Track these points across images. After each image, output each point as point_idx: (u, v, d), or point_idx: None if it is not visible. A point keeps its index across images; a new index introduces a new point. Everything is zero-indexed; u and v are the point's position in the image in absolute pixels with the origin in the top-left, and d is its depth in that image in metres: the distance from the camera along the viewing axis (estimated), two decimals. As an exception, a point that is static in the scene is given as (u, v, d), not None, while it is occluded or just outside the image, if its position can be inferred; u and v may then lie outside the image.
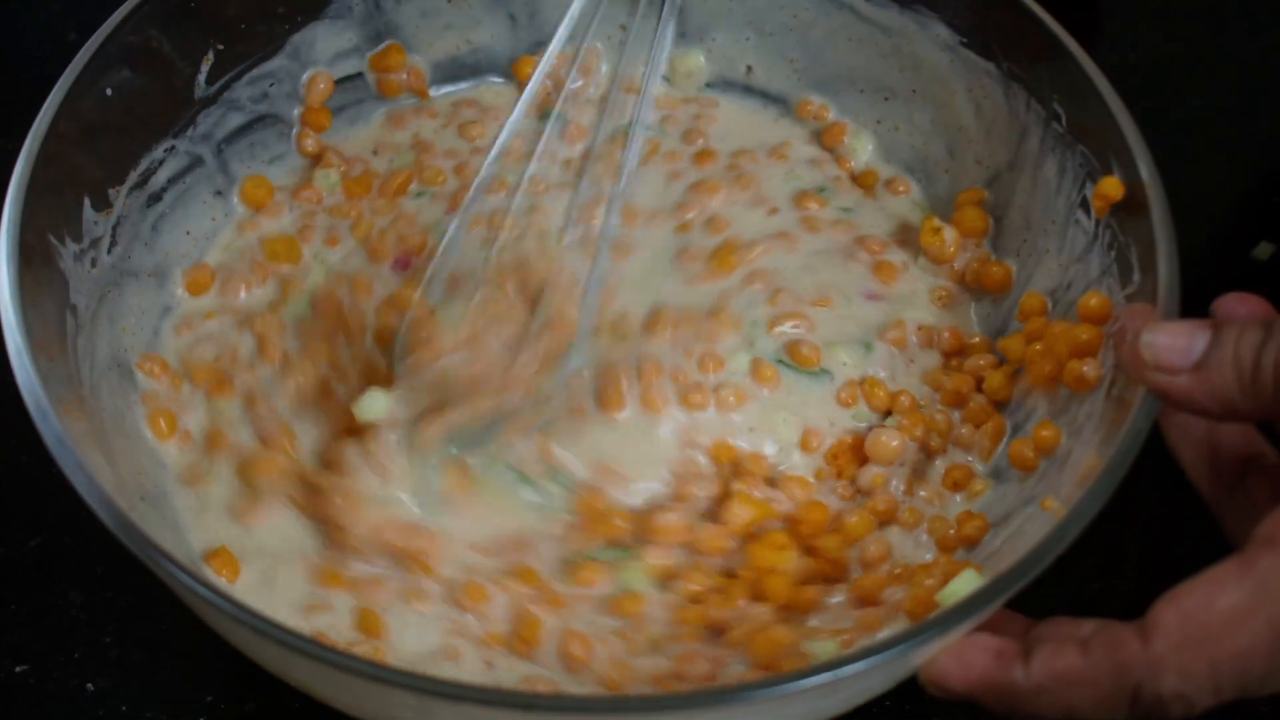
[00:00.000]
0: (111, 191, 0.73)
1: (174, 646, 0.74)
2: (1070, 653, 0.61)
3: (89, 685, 0.73)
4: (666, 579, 0.71)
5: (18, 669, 0.73)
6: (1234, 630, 0.58)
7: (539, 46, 0.87)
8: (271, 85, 0.81)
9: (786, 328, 0.77)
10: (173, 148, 0.77)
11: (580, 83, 0.87)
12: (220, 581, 0.68)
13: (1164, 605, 0.60)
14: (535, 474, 0.72)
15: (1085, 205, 0.74)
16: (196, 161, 0.79)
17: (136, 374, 0.73)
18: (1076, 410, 0.71)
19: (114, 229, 0.73)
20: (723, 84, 0.89)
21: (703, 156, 0.85)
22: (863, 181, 0.85)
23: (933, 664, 0.63)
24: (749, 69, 0.88)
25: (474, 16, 0.86)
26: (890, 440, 0.74)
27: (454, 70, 0.88)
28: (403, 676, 0.57)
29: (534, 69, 0.86)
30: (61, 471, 0.60)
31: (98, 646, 0.74)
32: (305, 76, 0.83)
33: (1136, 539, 0.75)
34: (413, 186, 0.83)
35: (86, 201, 0.72)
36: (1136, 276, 0.69)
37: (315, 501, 0.70)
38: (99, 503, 0.59)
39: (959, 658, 0.62)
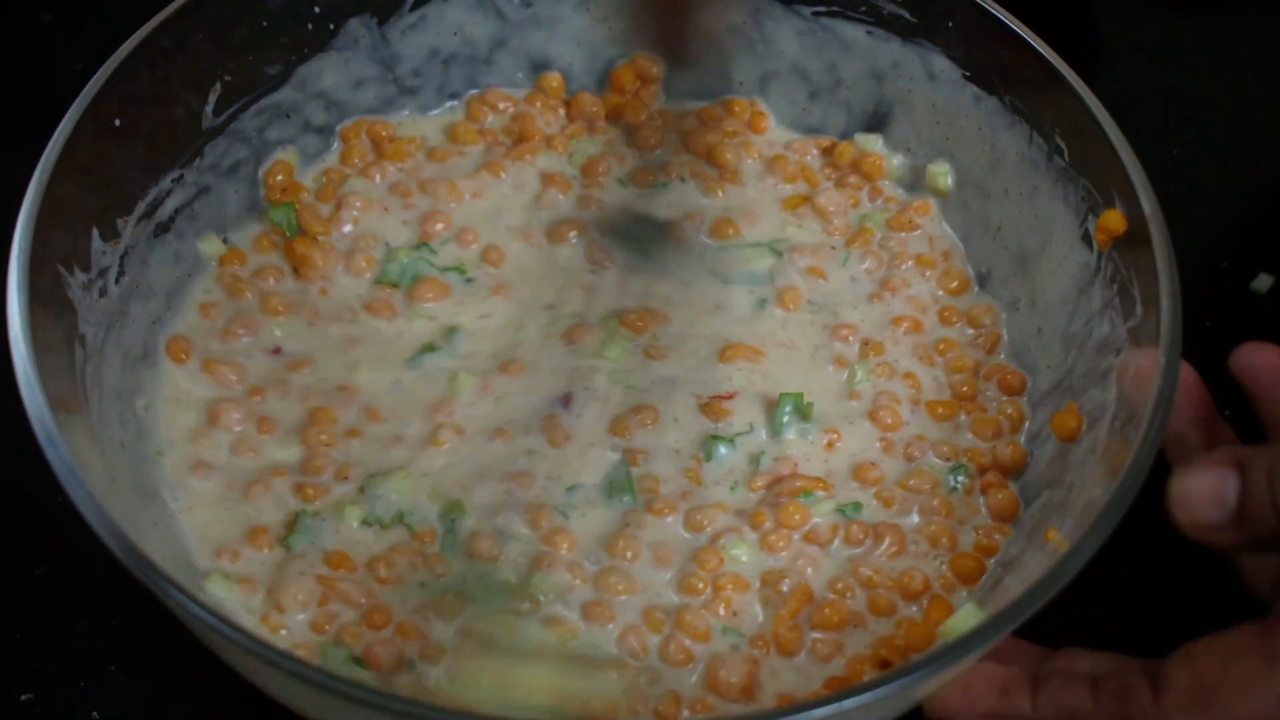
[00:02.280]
0: (120, 222, 0.74)
1: (179, 675, 0.74)
2: (1080, 692, 0.61)
3: (94, 714, 0.72)
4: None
5: (23, 697, 0.73)
6: (1244, 698, 0.58)
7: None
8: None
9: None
10: (181, 178, 0.78)
11: None
12: (226, 603, 0.69)
13: (1178, 661, 0.60)
14: None
15: (1088, 239, 0.74)
16: (204, 191, 0.79)
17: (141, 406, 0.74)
18: (1077, 448, 0.71)
19: (122, 259, 0.74)
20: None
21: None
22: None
23: (938, 697, 0.63)
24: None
25: (478, 50, 0.87)
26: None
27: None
28: (412, 706, 0.57)
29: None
30: (66, 500, 0.60)
31: (103, 675, 0.74)
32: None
33: (1142, 562, 0.75)
34: None
35: (95, 232, 0.72)
36: (1139, 310, 0.69)
37: None
38: (107, 531, 0.59)
39: (964, 691, 0.62)
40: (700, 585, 0.71)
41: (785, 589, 0.71)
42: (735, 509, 0.74)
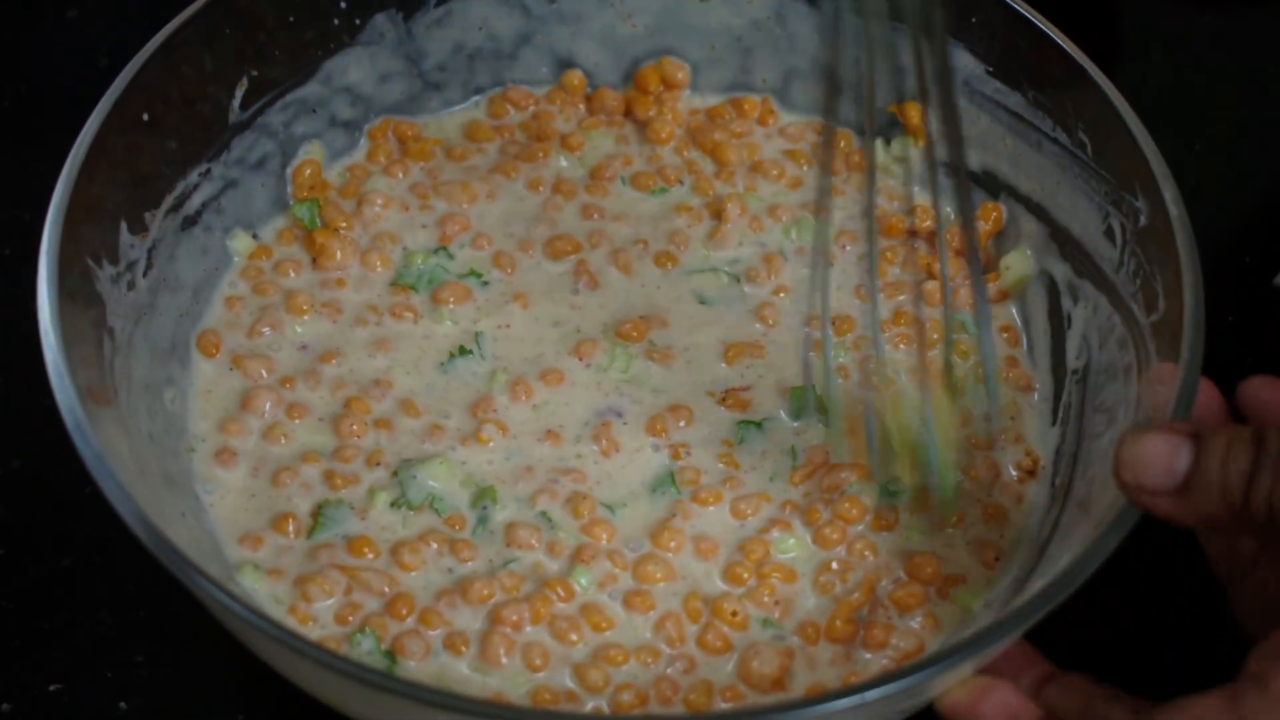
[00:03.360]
0: (147, 215, 0.74)
1: (205, 666, 0.75)
2: None
3: (121, 704, 0.73)
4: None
5: (51, 687, 0.73)
6: None
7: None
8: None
9: None
10: (208, 172, 0.78)
11: None
12: (255, 594, 0.69)
13: None
14: None
15: (1110, 234, 0.74)
16: (231, 186, 0.80)
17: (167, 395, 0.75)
18: (1099, 442, 0.71)
19: (150, 252, 0.74)
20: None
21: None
22: None
23: (949, 698, 0.63)
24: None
25: (503, 46, 0.87)
26: None
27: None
28: (436, 695, 0.58)
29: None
30: (93, 492, 0.61)
31: (129, 666, 0.74)
32: None
33: (1154, 572, 0.76)
34: None
35: (123, 225, 0.72)
36: (1161, 304, 0.69)
37: None
38: (136, 521, 0.60)
39: (973, 707, 0.62)
40: (745, 575, 0.71)
41: (849, 583, 0.71)
42: (780, 501, 0.74)
